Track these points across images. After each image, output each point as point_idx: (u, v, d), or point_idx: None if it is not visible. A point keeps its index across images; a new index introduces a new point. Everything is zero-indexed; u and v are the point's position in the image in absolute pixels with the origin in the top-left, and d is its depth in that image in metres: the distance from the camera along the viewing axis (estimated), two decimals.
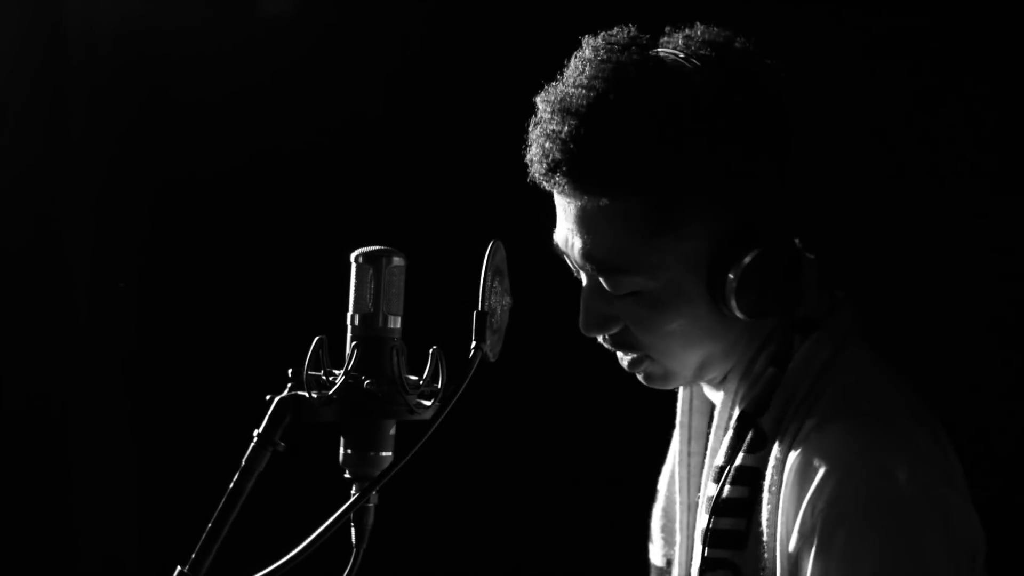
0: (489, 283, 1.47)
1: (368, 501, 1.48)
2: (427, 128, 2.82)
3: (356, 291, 1.49)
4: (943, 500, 1.41)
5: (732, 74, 1.50)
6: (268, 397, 1.48)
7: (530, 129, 1.56)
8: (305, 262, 2.71)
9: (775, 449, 1.49)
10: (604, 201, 1.51)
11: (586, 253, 1.55)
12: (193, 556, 1.44)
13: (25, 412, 2.89)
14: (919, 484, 1.40)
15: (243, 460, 1.46)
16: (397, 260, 1.50)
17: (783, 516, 1.45)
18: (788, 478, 1.45)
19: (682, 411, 1.71)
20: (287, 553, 1.39)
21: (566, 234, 1.57)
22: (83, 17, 2.87)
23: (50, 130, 2.89)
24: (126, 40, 2.89)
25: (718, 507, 1.50)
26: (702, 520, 1.52)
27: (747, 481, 1.50)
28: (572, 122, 1.49)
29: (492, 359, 1.48)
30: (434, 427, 1.42)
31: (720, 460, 1.54)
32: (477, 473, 2.78)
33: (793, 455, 1.46)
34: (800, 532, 1.42)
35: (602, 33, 1.55)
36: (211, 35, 2.87)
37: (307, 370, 1.47)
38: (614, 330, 1.59)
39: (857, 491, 1.40)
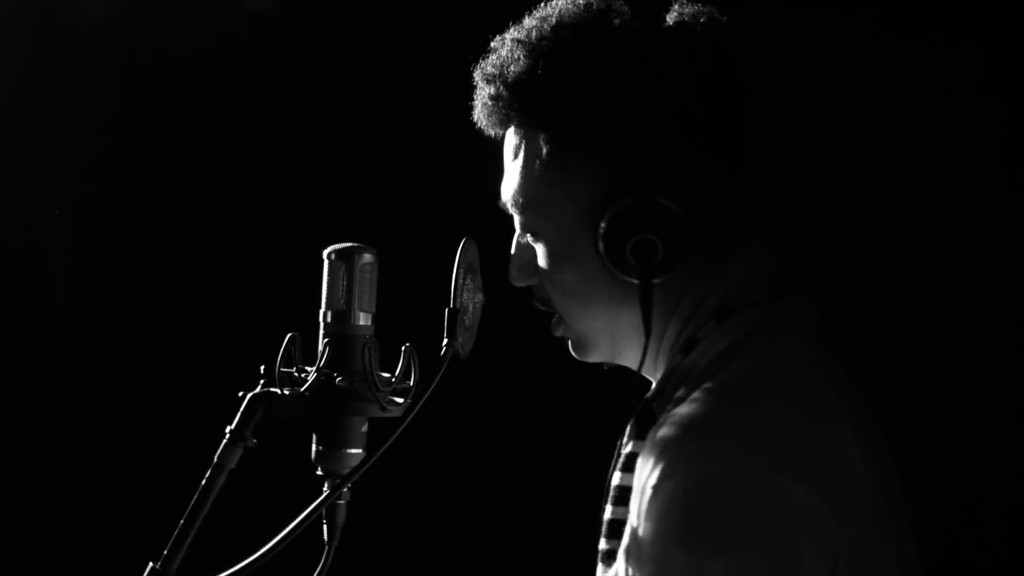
0: (461, 280, 1.48)
1: (339, 498, 1.49)
2: (401, 125, 2.81)
3: (328, 288, 1.49)
4: (780, 490, 1.32)
5: (675, 40, 1.50)
6: (240, 394, 1.48)
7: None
8: (278, 259, 2.70)
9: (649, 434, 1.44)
10: (517, 136, 1.54)
11: (504, 191, 1.57)
12: (165, 552, 1.44)
13: (3, 411, 2.88)
14: (738, 464, 1.32)
15: (215, 456, 1.46)
16: (368, 257, 1.50)
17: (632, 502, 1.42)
18: (639, 461, 1.41)
19: None
20: (259, 549, 1.40)
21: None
22: (65, 14, 2.86)
23: (29, 128, 2.88)
24: (108, 37, 2.88)
25: (614, 496, 1.46)
26: (605, 510, 1.48)
27: (633, 468, 1.44)
28: (502, 57, 1.52)
29: (464, 356, 1.49)
30: (404, 424, 1.42)
31: (621, 447, 1.51)
32: (449, 470, 2.78)
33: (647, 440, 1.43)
34: (636, 513, 1.38)
35: None
36: (190, 32, 2.86)
37: (279, 367, 1.47)
38: (534, 281, 1.58)
39: (674, 471, 1.34)
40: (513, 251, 1.60)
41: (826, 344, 1.55)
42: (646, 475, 1.37)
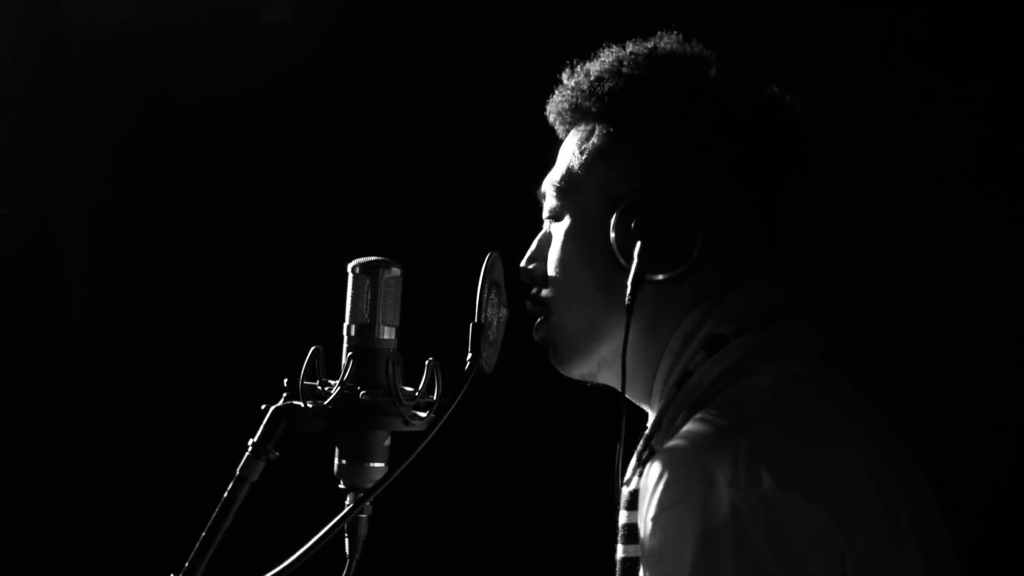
0: (486, 295, 1.47)
1: (362, 512, 1.48)
2: (427, 138, 2.82)
3: (352, 301, 1.49)
4: (774, 504, 1.33)
5: (751, 99, 1.58)
6: (263, 407, 1.48)
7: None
8: (302, 272, 2.71)
9: None
10: (578, 130, 1.60)
11: (548, 177, 1.62)
12: (186, 565, 1.44)
13: (19, 418, 2.88)
14: (739, 485, 1.34)
15: (237, 469, 1.46)
16: (394, 271, 1.50)
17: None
18: (641, 493, 1.43)
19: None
20: (281, 563, 1.39)
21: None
22: (84, 20, 2.87)
23: (48, 133, 2.88)
24: (126, 43, 2.89)
25: (623, 535, 1.47)
26: (617, 549, 1.49)
27: (638, 506, 1.46)
28: (596, 59, 1.61)
29: (488, 371, 1.48)
30: (428, 438, 1.42)
31: (623, 485, 1.52)
32: (472, 485, 2.78)
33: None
34: (640, 543, 1.40)
35: None
36: (210, 39, 2.87)
37: (303, 380, 1.47)
38: (542, 268, 1.61)
39: (675, 496, 1.36)
40: (536, 240, 1.64)
41: (830, 363, 1.56)
42: (645, 506, 1.40)
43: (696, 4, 2.04)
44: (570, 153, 1.60)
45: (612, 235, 1.52)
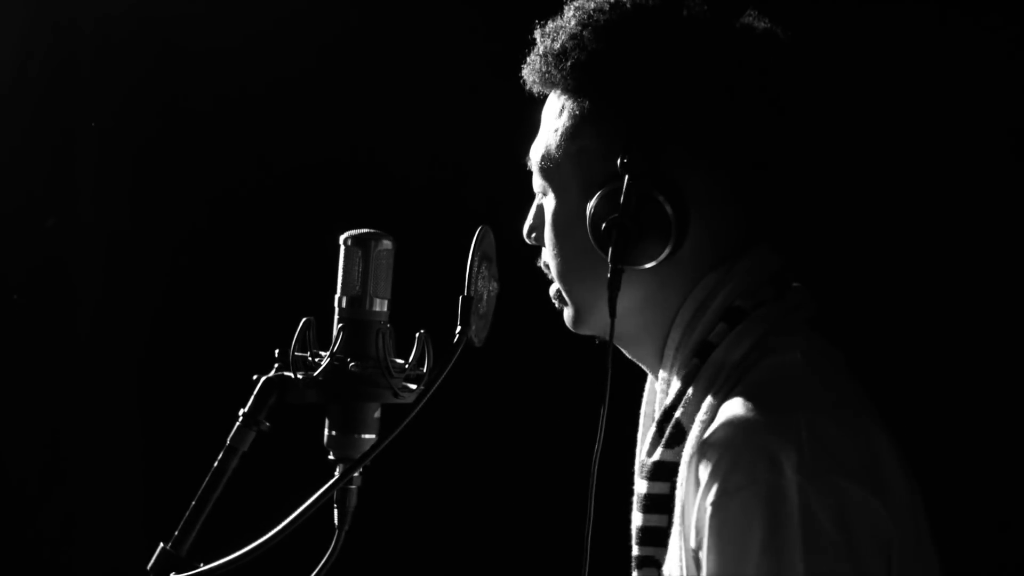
0: (476, 268, 1.47)
1: (351, 483, 1.49)
2: (418, 113, 2.82)
3: (344, 273, 1.49)
4: (837, 490, 1.33)
5: (727, 42, 1.52)
6: (254, 377, 1.48)
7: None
8: (294, 244, 2.71)
9: (688, 443, 1.46)
10: (555, 100, 1.57)
11: (532, 149, 1.60)
12: (176, 533, 1.44)
13: (27, 426, 2.90)
14: (807, 472, 1.33)
15: (228, 439, 1.46)
16: (386, 243, 1.50)
17: (683, 510, 1.42)
18: (686, 473, 1.42)
19: (646, 400, 1.69)
20: (269, 532, 1.40)
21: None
22: (95, 30, 2.88)
23: (56, 143, 2.89)
24: (141, 56, 2.89)
25: (643, 504, 1.48)
26: (635, 517, 1.51)
27: (666, 476, 1.47)
28: (562, 20, 1.56)
29: (478, 344, 1.48)
30: (416, 410, 1.42)
31: (644, 455, 1.53)
32: (461, 457, 2.79)
33: (690, 450, 1.44)
34: (696, 527, 1.39)
35: None
36: (214, 41, 2.87)
37: (294, 351, 1.47)
38: (542, 243, 1.61)
39: (740, 482, 1.35)
40: (532, 210, 1.64)
41: (824, 336, 1.57)
42: (701, 488, 1.38)
43: None
44: (548, 127, 1.58)
45: (589, 232, 1.50)
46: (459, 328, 1.45)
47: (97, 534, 2.94)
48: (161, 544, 1.44)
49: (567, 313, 1.62)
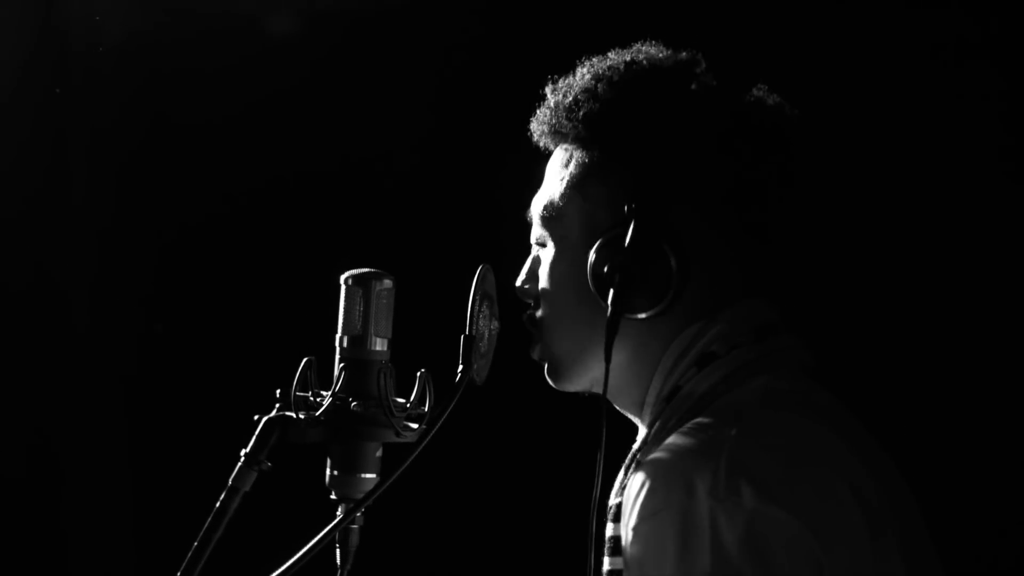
0: (477, 307, 1.48)
1: (353, 522, 1.49)
2: (420, 151, 2.83)
3: (345, 313, 1.50)
4: (750, 512, 1.34)
5: (736, 111, 1.55)
6: (256, 417, 1.48)
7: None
8: (295, 283, 2.71)
9: None
10: (561, 152, 1.59)
11: (534, 201, 1.61)
12: (179, 574, 1.44)
13: (19, 433, 2.89)
14: (718, 494, 1.35)
15: (229, 479, 1.46)
16: (386, 283, 1.51)
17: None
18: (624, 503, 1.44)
19: None
20: (272, 573, 1.40)
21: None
22: (87, 40, 2.88)
23: (48, 153, 2.90)
24: (133, 68, 2.90)
25: (610, 547, 1.48)
26: (604, 561, 1.50)
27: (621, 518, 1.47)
28: (575, 76, 1.59)
29: (479, 383, 1.49)
30: (419, 449, 1.42)
31: (611, 498, 1.53)
32: (463, 496, 2.78)
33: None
34: (622, 556, 1.41)
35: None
36: (209, 59, 2.88)
37: (295, 391, 1.47)
38: (536, 290, 1.61)
39: (656, 506, 1.38)
40: (528, 261, 1.64)
41: (818, 381, 1.57)
42: (627, 516, 1.41)
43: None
44: (553, 178, 1.59)
45: (589, 277, 1.51)
46: (461, 367, 1.46)
47: (89, 550, 2.93)
48: None
49: (549, 368, 1.63)
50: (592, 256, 1.51)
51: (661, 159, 1.52)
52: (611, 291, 1.49)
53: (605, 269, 1.49)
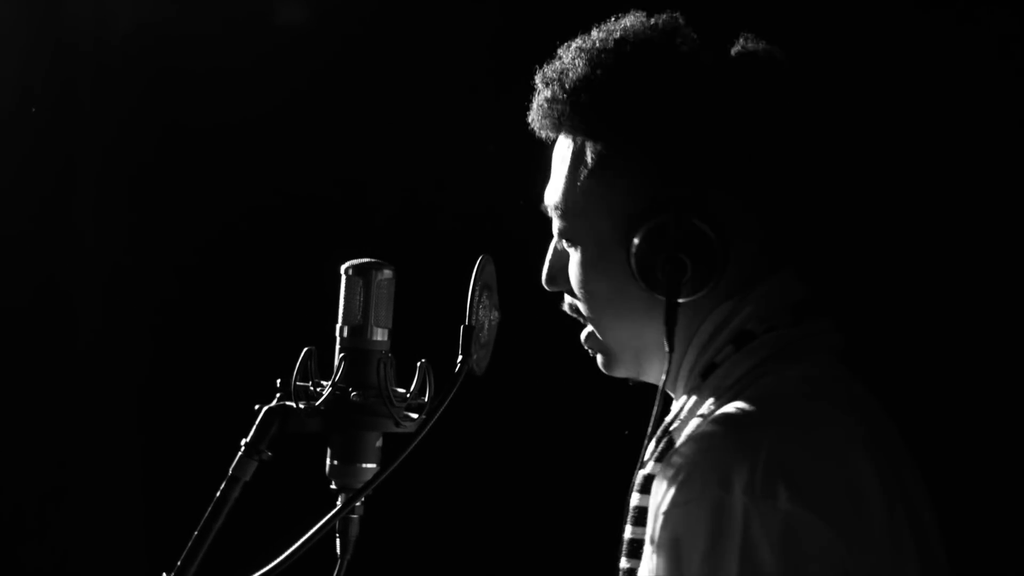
0: (477, 298, 1.48)
1: (353, 512, 1.49)
2: (421, 141, 2.83)
3: (345, 303, 1.50)
4: (784, 515, 1.34)
5: (733, 70, 1.53)
6: (256, 407, 1.49)
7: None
8: (296, 273, 2.71)
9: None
10: (567, 142, 1.56)
11: (548, 195, 1.58)
12: (179, 563, 1.45)
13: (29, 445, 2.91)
14: (754, 494, 1.34)
15: (230, 469, 1.47)
16: (386, 273, 1.51)
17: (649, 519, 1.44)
18: (655, 484, 1.43)
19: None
20: (272, 562, 1.40)
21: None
22: (94, 47, 2.89)
23: (58, 165, 2.91)
24: (141, 70, 2.90)
25: (634, 516, 1.48)
26: (625, 530, 1.50)
27: (650, 489, 1.46)
28: (564, 62, 1.54)
29: (479, 373, 1.49)
30: (418, 439, 1.43)
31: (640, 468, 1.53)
32: (462, 486, 2.79)
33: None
34: (650, 536, 1.41)
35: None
36: (209, 58, 2.88)
37: (295, 380, 1.47)
38: (565, 288, 1.60)
39: (690, 495, 1.37)
40: (549, 256, 1.62)
41: (849, 366, 1.56)
42: (659, 498, 1.39)
43: None
44: (565, 170, 1.56)
45: (634, 269, 1.48)
46: (460, 357, 1.46)
47: (97, 558, 2.94)
48: (164, 574, 1.45)
49: (601, 358, 1.61)
50: (635, 248, 1.48)
51: (681, 141, 1.49)
52: (664, 281, 1.47)
53: (652, 259, 1.47)
